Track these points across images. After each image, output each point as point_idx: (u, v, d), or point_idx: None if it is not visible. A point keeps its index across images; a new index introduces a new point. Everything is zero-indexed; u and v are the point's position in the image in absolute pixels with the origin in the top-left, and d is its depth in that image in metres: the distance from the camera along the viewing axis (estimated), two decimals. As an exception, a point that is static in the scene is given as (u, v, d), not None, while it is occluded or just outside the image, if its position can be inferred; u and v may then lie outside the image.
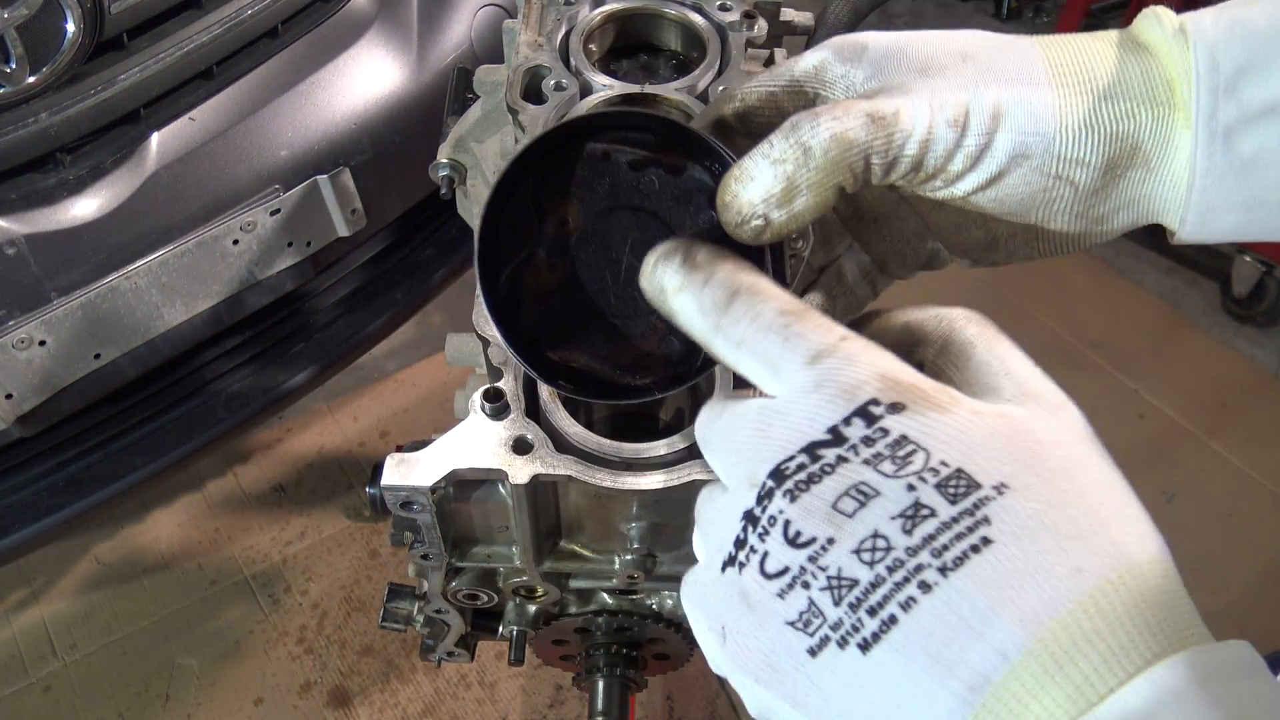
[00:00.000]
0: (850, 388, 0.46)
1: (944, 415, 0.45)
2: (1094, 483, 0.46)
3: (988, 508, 0.43)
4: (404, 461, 0.85)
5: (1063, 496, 0.44)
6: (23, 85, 1.59)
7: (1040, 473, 0.44)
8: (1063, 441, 0.48)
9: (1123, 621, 0.43)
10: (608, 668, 1.16)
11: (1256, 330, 3.26)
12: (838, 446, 0.45)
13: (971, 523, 0.42)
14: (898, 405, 0.45)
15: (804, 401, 0.46)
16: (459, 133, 1.35)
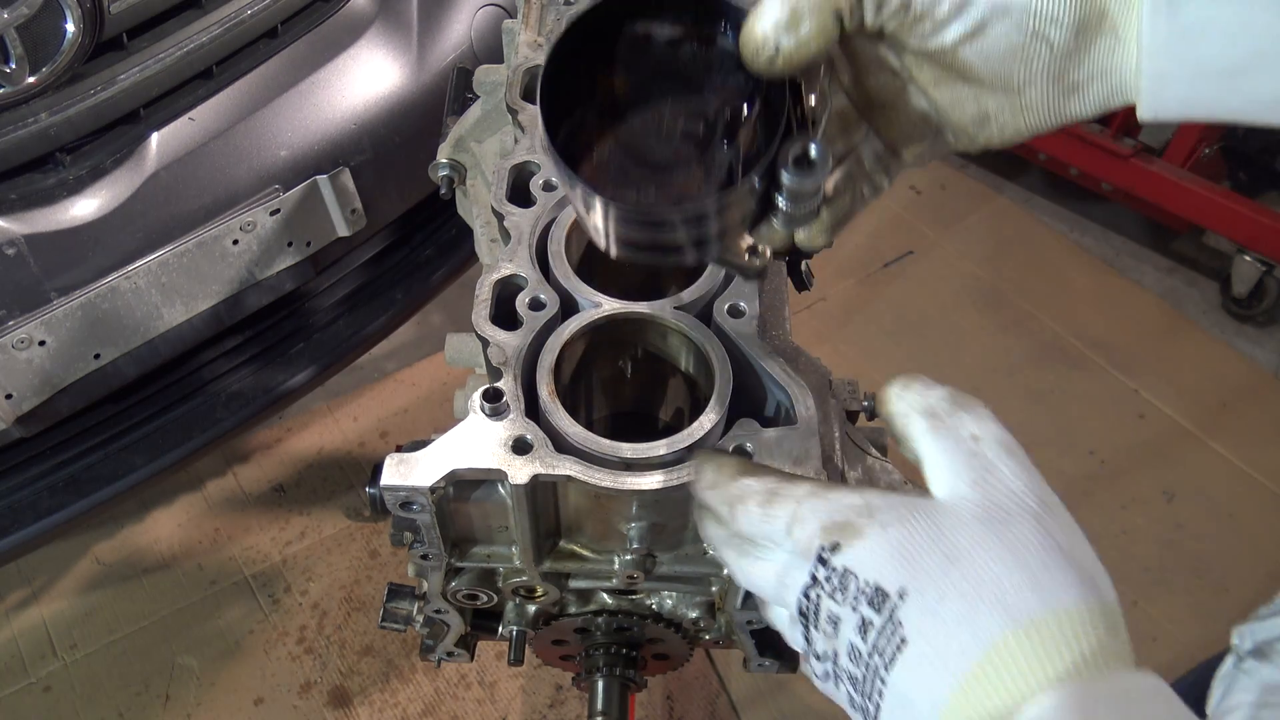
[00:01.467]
0: (806, 547, 0.62)
1: (862, 541, 0.60)
2: (975, 568, 0.56)
3: (900, 613, 0.57)
4: (403, 461, 0.85)
5: (943, 590, 0.56)
6: (23, 85, 1.59)
7: (927, 575, 0.57)
8: (952, 526, 0.59)
9: (1004, 681, 0.54)
10: (607, 668, 1.16)
11: (1256, 330, 3.26)
12: (814, 587, 0.62)
13: (893, 627, 0.57)
14: (836, 546, 0.61)
15: (790, 562, 0.64)
16: (459, 133, 1.35)
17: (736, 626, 1.11)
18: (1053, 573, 0.56)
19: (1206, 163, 3.33)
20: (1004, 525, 0.58)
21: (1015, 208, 3.68)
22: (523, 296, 0.95)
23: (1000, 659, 0.53)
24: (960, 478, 0.61)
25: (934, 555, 0.57)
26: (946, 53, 0.70)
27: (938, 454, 0.63)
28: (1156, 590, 2.57)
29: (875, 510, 0.61)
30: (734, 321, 0.94)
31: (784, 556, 0.65)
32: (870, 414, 1.11)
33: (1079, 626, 0.54)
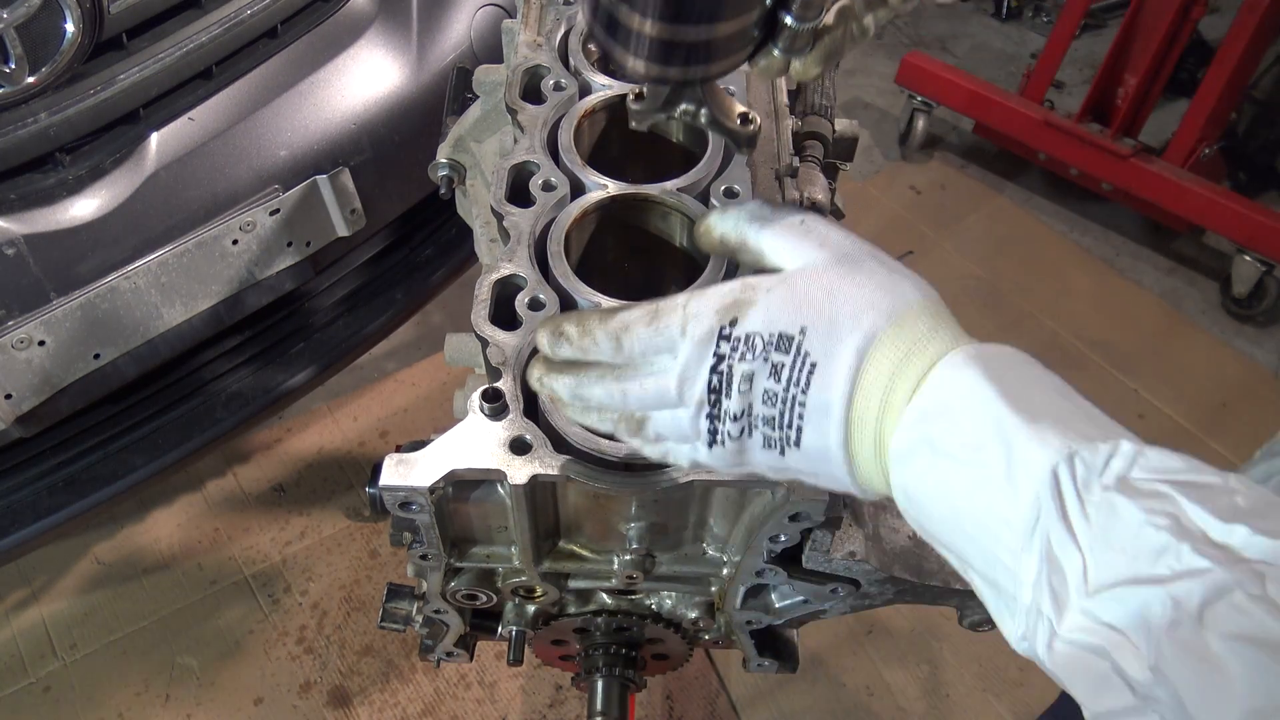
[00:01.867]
0: (707, 333, 0.70)
1: (755, 308, 0.69)
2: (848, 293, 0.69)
3: (805, 344, 0.68)
4: (403, 462, 0.85)
5: (832, 314, 0.68)
6: (22, 85, 1.59)
7: (817, 309, 0.68)
8: (820, 274, 0.70)
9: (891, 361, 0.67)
10: (607, 668, 1.16)
11: (1256, 330, 3.26)
12: (723, 361, 0.70)
13: (802, 358, 0.68)
14: (734, 320, 0.70)
15: (694, 352, 0.71)
16: (458, 132, 1.35)
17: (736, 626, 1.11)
18: (900, 285, 0.69)
19: (1206, 163, 3.33)
20: (855, 263, 0.70)
21: (1015, 208, 3.68)
22: (522, 296, 0.95)
23: (883, 340, 0.67)
24: (807, 247, 0.72)
25: (817, 293, 0.69)
26: None
27: (781, 240, 0.73)
28: (1156, 590, 2.57)
29: (755, 286, 0.71)
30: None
31: (682, 357, 0.71)
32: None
33: (929, 313, 0.68)
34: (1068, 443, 0.60)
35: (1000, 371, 0.64)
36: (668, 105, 0.87)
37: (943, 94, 3.68)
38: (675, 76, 0.79)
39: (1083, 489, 0.58)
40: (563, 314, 0.77)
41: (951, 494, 0.64)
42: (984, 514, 0.62)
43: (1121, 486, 0.58)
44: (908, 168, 3.83)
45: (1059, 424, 0.61)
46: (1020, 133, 3.55)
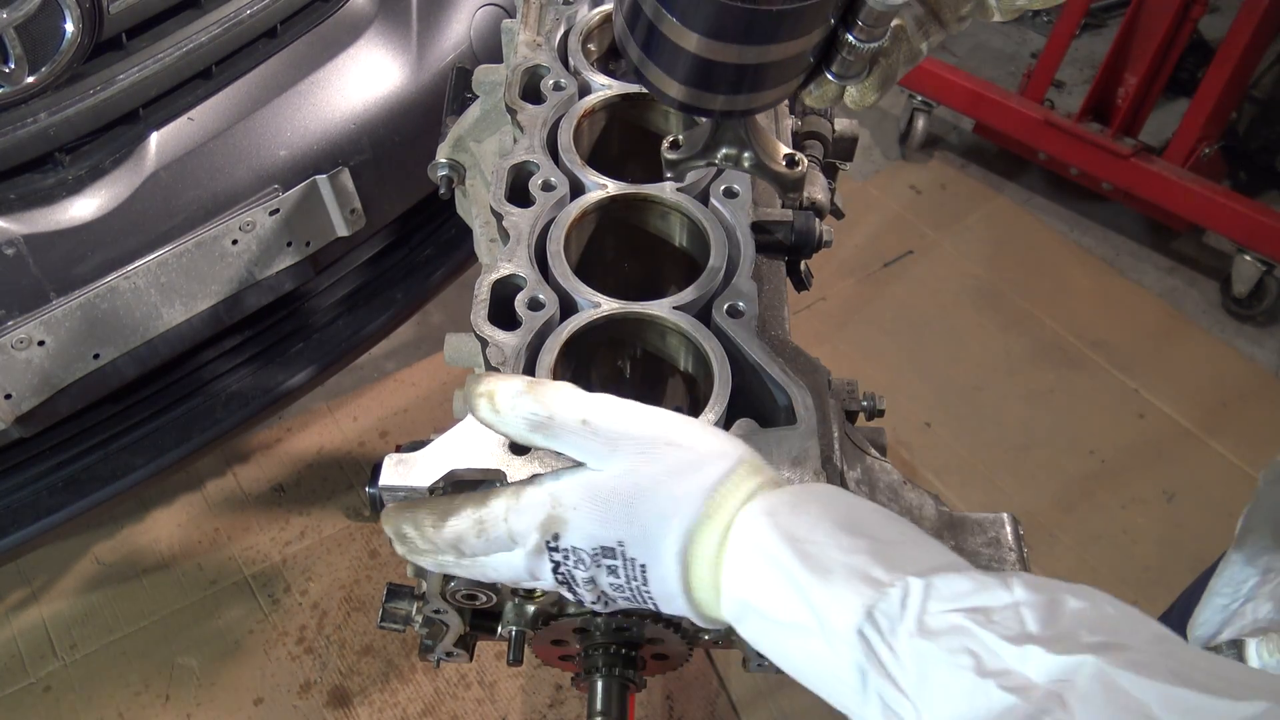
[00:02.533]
0: (536, 547, 0.76)
1: (570, 526, 0.74)
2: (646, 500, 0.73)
3: (628, 552, 0.73)
4: (403, 461, 0.85)
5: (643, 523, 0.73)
6: (22, 85, 1.59)
7: (624, 521, 0.73)
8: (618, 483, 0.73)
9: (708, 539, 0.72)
10: (606, 668, 1.16)
11: (1256, 330, 3.26)
12: (560, 567, 0.76)
13: (630, 563, 0.74)
14: (556, 536, 0.75)
15: (531, 560, 0.77)
16: (458, 132, 1.35)
17: (736, 626, 1.10)
18: (699, 467, 0.73)
19: (1206, 162, 3.33)
20: (649, 457, 0.73)
21: (1015, 208, 3.67)
22: (522, 296, 0.95)
23: (698, 535, 0.72)
24: (597, 451, 0.74)
25: (620, 509, 0.73)
26: None
27: (572, 449, 0.75)
28: (1156, 590, 2.57)
29: (561, 499, 0.75)
30: (733, 321, 0.94)
31: (520, 555, 0.77)
32: (870, 414, 1.11)
33: (733, 486, 0.72)
34: (863, 601, 0.64)
35: (789, 523, 0.69)
36: (708, 150, 0.81)
37: (943, 93, 3.68)
38: (720, 106, 0.72)
39: (891, 642, 0.62)
40: (397, 510, 0.81)
41: (788, 654, 0.70)
42: (821, 673, 0.68)
43: (921, 630, 0.62)
44: (908, 168, 3.83)
45: (850, 577, 0.65)
46: (1020, 132, 3.55)
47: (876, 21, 0.69)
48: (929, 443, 2.92)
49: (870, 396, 1.10)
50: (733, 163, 0.81)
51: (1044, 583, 0.64)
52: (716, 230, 1.00)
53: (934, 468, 2.85)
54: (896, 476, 0.96)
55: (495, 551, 0.78)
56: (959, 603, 0.62)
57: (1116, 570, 2.60)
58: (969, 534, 0.94)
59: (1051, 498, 2.79)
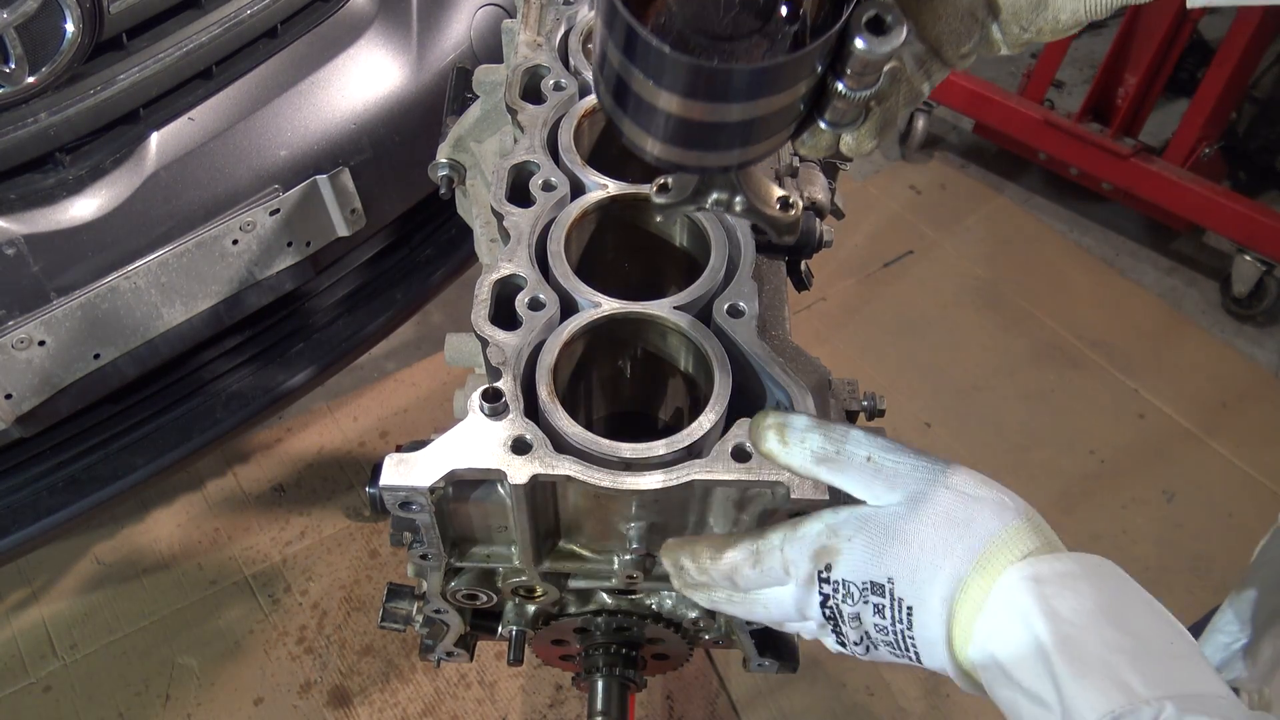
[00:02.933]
0: (808, 577, 0.78)
1: (842, 558, 0.76)
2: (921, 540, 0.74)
3: (896, 591, 0.75)
4: (403, 461, 0.85)
5: (914, 564, 0.74)
6: (22, 85, 1.59)
7: (897, 560, 0.74)
8: (894, 520, 0.75)
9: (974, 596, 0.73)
10: (607, 667, 1.16)
11: (1256, 330, 3.26)
12: (829, 601, 0.78)
13: (898, 603, 0.75)
14: (828, 567, 0.77)
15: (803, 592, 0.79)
16: (458, 132, 1.35)
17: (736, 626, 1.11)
18: (977, 515, 0.73)
19: (1206, 163, 3.33)
20: (925, 503, 0.74)
21: (1015, 208, 3.68)
22: (522, 296, 0.95)
23: (968, 585, 0.72)
24: (879, 489, 0.76)
25: (894, 545, 0.74)
26: None
27: (853, 485, 0.77)
28: (1156, 590, 2.55)
29: (838, 530, 0.76)
30: (733, 321, 0.94)
31: (792, 588, 0.79)
32: (870, 414, 1.11)
33: (1009, 540, 0.73)
34: (1112, 705, 0.64)
35: (1056, 598, 0.69)
36: (697, 195, 0.78)
37: (943, 93, 3.68)
38: (709, 163, 0.69)
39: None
40: (677, 545, 0.84)
41: (1019, 713, 0.71)
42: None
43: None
44: (908, 168, 3.83)
45: (1105, 678, 0.65)
46: (1020, 132, 3.55)
47: (865, 69, 0.65)
48: (929, 443, 2.92)
49: (870, 396, 1.10)
50: (724, 207, 0.79)
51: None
52: (717, 230, 1.00)
53: (934, 468, 2.85)
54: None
55: (769, 585, 0.80)
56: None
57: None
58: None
59: (1051, 498, 2.79)
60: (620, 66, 0.64)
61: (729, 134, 0.66)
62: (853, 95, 0.66)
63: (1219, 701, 0.65)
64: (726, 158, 0.68)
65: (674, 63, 0.61)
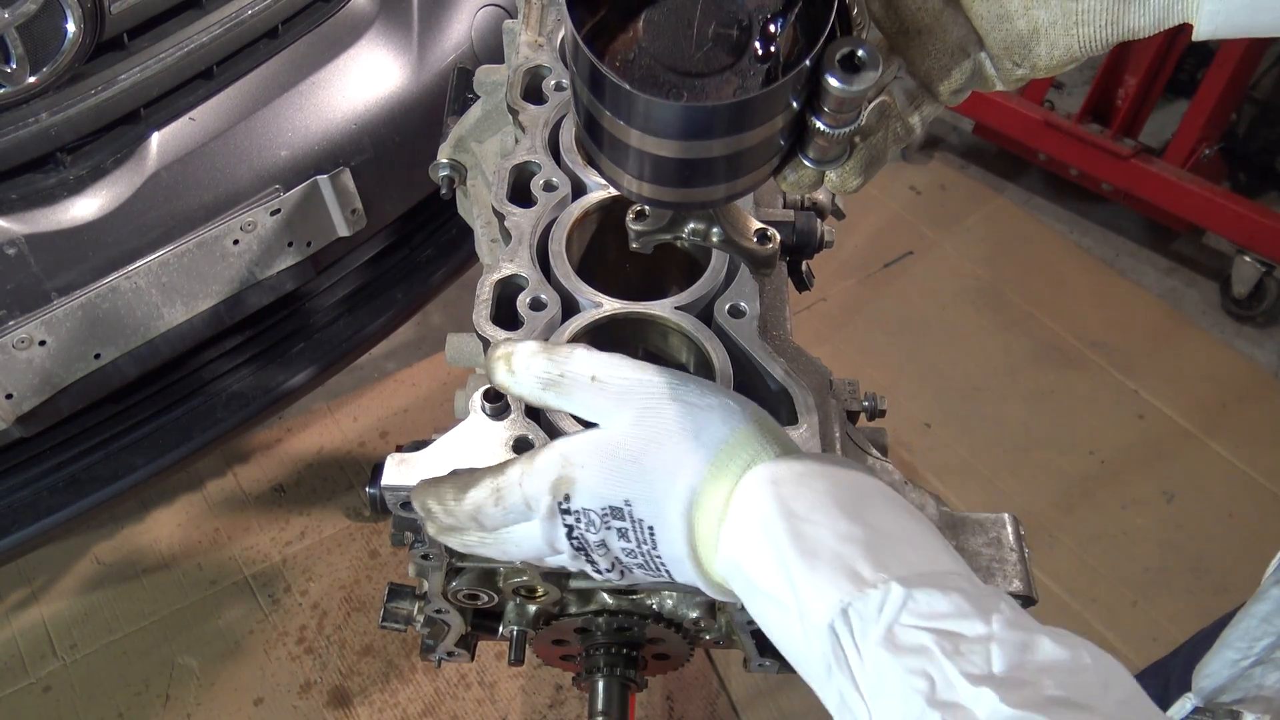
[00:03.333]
0: (549, 509, 0.74)
1: (578, 485, 0.73)
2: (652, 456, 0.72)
3: (635, 513, 0.72)
4: (404, 461, 0.85)
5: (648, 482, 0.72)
6: (23, 85, 1.59)
7: (631, 481, 0.72)
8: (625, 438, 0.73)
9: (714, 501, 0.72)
10: (607, 668, 1.16)
11: (1256, 330, 3.26)
12: (574, 531, 0.75)
13: (638, 524, 0.73)
14: (567, 497, 0.73)
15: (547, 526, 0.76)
16: (459, 133, 1.35)
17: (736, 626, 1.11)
18: (706, 424, 0.72)
19: (1206, 163, 3.34)
20: (655, 417, 0.72)
21: (1015, 208, 3.68)
22: (523, 296, 0.95)
23: (704, 495, 0.71)
24: (608, 410, 0.74)
25: (627, 466, 0.72)
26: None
27: (580, 407, 0.75)
28: (1156, 590, 2.57)
29: (571, 458, 0.73)
30: (735, 321, 0.94)
31: (537, 523, 0.76)
32: (871, 414, 1.11)
33: (738, 445, 0.71)
34: (840, 596, 0.64)
35: (791, 496, 0.68)
36: (673, 225, 0.79)
37: (943, 94, 3.68)
38: (692, 200, 0.68)
39: (859, 643, 0.63)
40: (423, 485, 0.81)
41: (767, 624, 0.71)
42: (793, 651, 0.69)
43: (888, 641, 0.62)
44: (908, 168, 3.83)
45: (836, 568, 0.65)
46: (1020, 133, 3.56)
47: (841, 107, 0.62)
48: (929, 443, 2.92)
49: (871, 397, 1.10)
50: (701, 237, 0.79)
51: (1027, 622, 0.63)
52: (718, 230, 1.00)
53: (934, 468, 2.85)
54: (897, 477, 0.96)
55: (514, 522, 0.77)
56: (933, 623, 0.62)
57: (1116, 570, 2.60)
58: (970, 534, 0.94)
59: (1051, 498, 2.79)
60: (589, 104, 0.63)
61: (706, 171, 0.65)
62: (832, 133, 0.64)
63: (950, 577, 0.65)
64: (710, 194, 0.68)
65: (643, 102, 0.61)
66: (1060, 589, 2.57)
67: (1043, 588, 2.50)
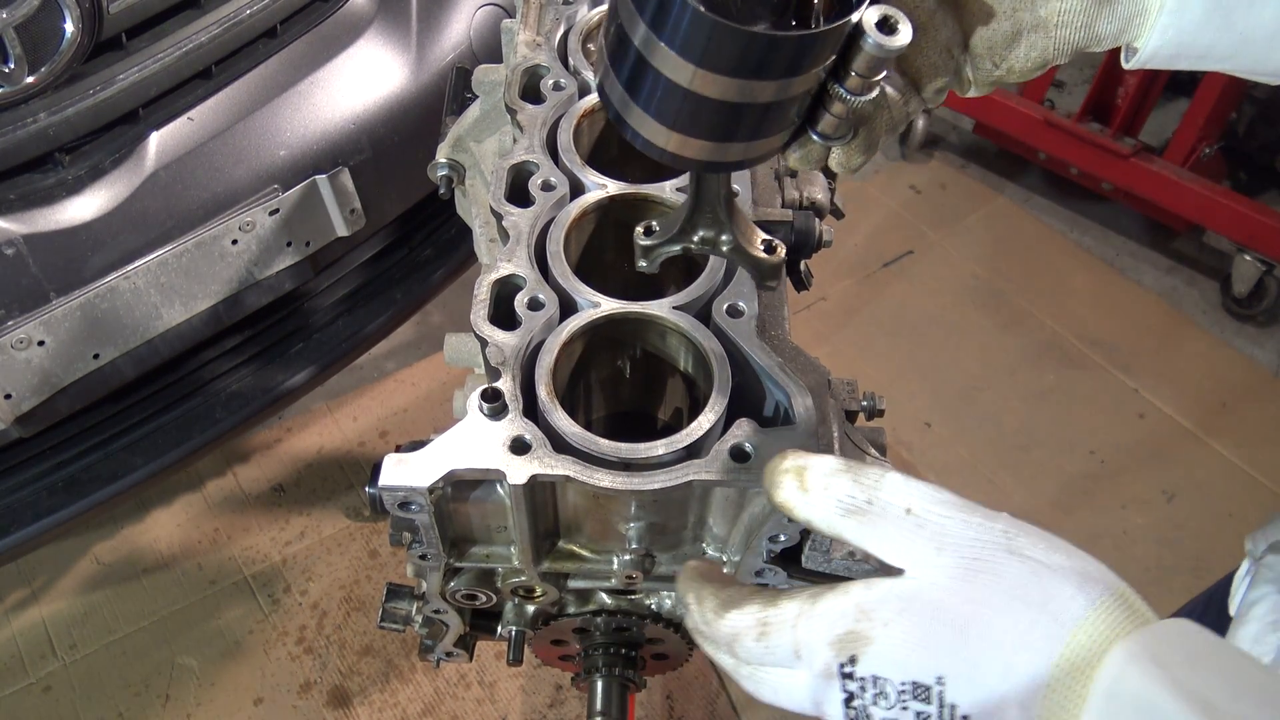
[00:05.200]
0: (825, 668, 0.61)
1: (875, 647, 0.59)
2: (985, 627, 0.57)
3: (948, 696, 0.58)
4: (403, 461, 0.85)
5: (973, 660, 0.57)
6: (21, 85, 1.59)
7: (951, 653, 0.57)
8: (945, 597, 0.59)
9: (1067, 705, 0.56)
10: (606, 668, 1.16)
11: (1256, 330, 3.26)
12: (854, 700, 0.61)
13: (950, 710, 0.57)
14: (853, 658, 0.60)
15: (819, 684, 0.62)
16: (458, 132, 1.35)
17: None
18: (1054, 589, 0.57)
19: (1206, 162, 3.33)
20: (987, 575, 0.58)
21: (1015, 208, 3.67)
22: (521, 296, 0.95)
23: (1057, 686, 0.55)
24: (922, 555, 0.60)
25: (946, 633, 0.58)
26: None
27: (887, 545, 0.62)
28: (1156, 590, 2.57)
29: (870, 611, 0.60)
30: (733, 321, 0.93)
31: (805, 677, 0.63)
32: (870, 414, 1.11)
33: (1099, 624, 0.56)
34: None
35: (1193, 681, 0.53)
36: (684, 233, 0.78)
37: (943, 94, 3.68)
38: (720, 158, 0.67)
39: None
40: (689, 579, 0.70)
41: None
42: None
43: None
44: (908, 168, 3.83)
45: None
46: (1020, 132, 3.55)
47: (871, 70, 0.65)
48: (929, 443, 2.92)
49: (870, 396, 1.10)
50: (710, 246, 0.79)
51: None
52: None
53: (934, 468, 2.85)
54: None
55: (775, 665, 0.65)
56: None
57: (1116, 570, 2.60)
58: (969, 534, 0.94)
59: (1051, 498, 2.79)
60: (643, 42, 0.62)
61: (741, 121, 0.65)
62: (852, 101, 0.66)
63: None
64: (725, 151, 0.68)
65: (720, 30, 0.60)
66: (1060, 588, 2.57)
67: (1043, 587, 2.49)
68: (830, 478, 0.63)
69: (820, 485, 0.63)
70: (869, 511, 0.62)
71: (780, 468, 0.65)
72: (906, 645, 0.58)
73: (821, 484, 0.63)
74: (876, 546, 0.62)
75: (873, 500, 0.62)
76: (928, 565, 0.60)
